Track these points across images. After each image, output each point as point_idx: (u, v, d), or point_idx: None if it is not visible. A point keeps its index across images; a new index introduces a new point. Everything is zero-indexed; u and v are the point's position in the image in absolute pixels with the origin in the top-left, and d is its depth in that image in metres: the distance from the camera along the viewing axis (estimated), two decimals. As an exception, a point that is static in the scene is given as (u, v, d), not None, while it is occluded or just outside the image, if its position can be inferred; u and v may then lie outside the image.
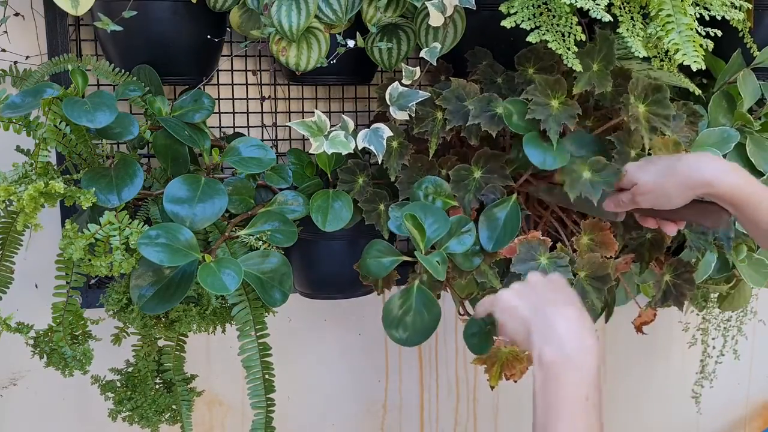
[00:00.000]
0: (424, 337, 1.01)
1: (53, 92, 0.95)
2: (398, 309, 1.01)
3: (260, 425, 1.03)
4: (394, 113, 1.07)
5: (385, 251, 1.04)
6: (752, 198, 0.84)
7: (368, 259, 1.04)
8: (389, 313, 1.01)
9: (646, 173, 0.92)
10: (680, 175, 0.87)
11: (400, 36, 1.08)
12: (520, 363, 1.13)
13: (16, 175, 0.94)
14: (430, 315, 1.01)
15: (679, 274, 1.09)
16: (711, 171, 0.86)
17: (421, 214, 1.02)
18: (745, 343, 1.68)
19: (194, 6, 1.05)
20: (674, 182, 0.88)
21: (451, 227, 1.02)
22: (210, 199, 1.00)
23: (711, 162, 0.88)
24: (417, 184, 1.08)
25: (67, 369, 1.02)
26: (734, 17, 0.97)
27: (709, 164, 0.87)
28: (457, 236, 1.03)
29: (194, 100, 1.08)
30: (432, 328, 1.01)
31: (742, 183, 0.85)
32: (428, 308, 1.01)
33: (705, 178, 0.86)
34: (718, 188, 0.85)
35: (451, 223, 1.03)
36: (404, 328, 1.01)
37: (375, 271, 1.04)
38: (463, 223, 1.03)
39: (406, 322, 1.01)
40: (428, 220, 1.02)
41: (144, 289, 0.99)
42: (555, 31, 0.95)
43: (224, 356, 1.40)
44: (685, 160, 0.89)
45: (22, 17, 1.14)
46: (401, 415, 1.57)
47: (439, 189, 1.08)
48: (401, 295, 1.02)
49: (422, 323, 1.01)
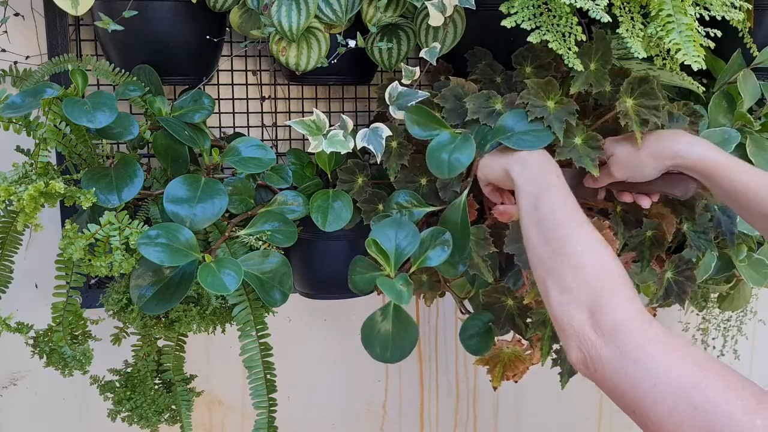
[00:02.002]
0: (403, 356, 1.00)
1: (53, 92, 0.95)
2: (377, 327, 1.00)
3: (263, 425, 1.03)
4: (394, 113, 1.07)
5: (368, 267, 1.04)
6: (722, 167, 0.90)
7: (354, 276, 1.05)
8: (369, 330, 1.00)
9: (622, 146, 0.98)
10: (653, 147, 0.94)
11: (400, 36, 1.09)
12: (522, 363, 1.13)
13: (16, 175, 0.94)
14: (407, 333, 1.00)
15: (680, 272, 1.09)
16: (681, 144, 0.93)
17: (393, 231, 1.01)
18: (745, 343, 1.68)
19: (194, 6, 1.05)
20: (646, 153, 0.94)
21: (423, 241, 1.01)
22: (210, 199, 1.00)
23: (682, 136, 0.94)
24: (389, 199, 1.08)
25: (66, 369, 1.02)
26: (734, 17, 0.97)
27: (679, 138, 0.94)
28: (432, 248, 1.02)
29: (194, 100, 1.08)
30: (410, 347, 1.00)
31: (711, 154, 0.90)
32: (405, 326, 1.00)
33: (674, 149, 0.92)
34: (687, 158, 0.92)
35: (422, 237, 1.02)
36: (382, 347, 0.99)
37: (363, 287, 1.04)
38: (438, 234, 1.02)
39: (384, 340, 0.99)
40: (400, 235, 1.01)
41: (144, 289, 0.99)
42: (555, 32, 0.95)
43: (224, 356, 1.40)
44: (659, 134, 0.95)
45: (22, 17, 1.14)
46: (401, 415, 1.57)
47: (416, 199, 1.07)
48: (381, 312, 1.00)
49: (399, 342, 0.99)
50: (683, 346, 0.64)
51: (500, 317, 1.06)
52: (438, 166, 0.98)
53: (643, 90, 0.98)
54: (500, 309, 1.06)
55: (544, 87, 1.00)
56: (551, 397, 1.61)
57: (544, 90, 1.00)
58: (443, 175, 0.98)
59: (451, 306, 1.54)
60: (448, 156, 0.98)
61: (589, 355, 0.68)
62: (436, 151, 0.99)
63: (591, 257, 0.75)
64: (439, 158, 0.98)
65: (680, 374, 0.61)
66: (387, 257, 0.99)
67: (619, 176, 0.98)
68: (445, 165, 0.98)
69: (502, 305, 1.06)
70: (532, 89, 1.00)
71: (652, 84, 0.98)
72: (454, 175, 0.98)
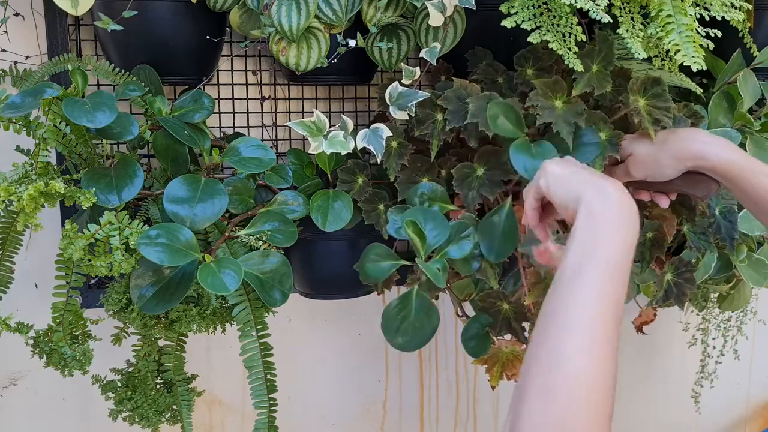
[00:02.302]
0: (423, 343, 1.01)
1: (53, 92, 0.95)
2: (397, 314, 1.00)
3: (263, 425, 1.03)
4: (394, 113, 1.07)
5: (383, 255, 1.04)
6: (745, 170, 0.88)
7: (367, 263, 1.04)
8: (388, 318, 1.01)
9: (641, 145, 0.96)
10: (673, 147, 0.92)
11: (400, 36, 1.08)
12: (520, 363, 1.13)
13: (16, 175, 0.94)
14: (429, 320, 1.01)
15: (680, 273, 1.09)
16: (703, 144, 0.90)
17: (422, 219, 1.02)
18: (745, 343, 1.68)
19: (194, 6, 1.05)
20: (667, 154, 0.92)
21: (450, 233, 1.02)
22: (210, 199, 1.00)
23: (704, 136, 0.92)
24: (412, 190, 1.08)
25: (66, 369, 1.02)
26: (734, 17, 0.97)
27: (701, 138, 0.92)
28: (456, 242, 1.02)
29: (194, 100, 1.08)
30: (431, 334, 1.01)
31: (734, 157, 0.88)
32: (427, 313, 1.01)
33: (697, 150, 0.90)
34: (710, 161, 0.89)
35: (450, 228, 1.02)
36: (403, 334, 1.00)
37: (374, 275, 1.04)
38: (462, 228, 1.03)
39: (405, 327, 1.00)
40: (428, 226, 1.01)
41: (144, 289, 0.99)
42: (556, 32, 0.95)
43: (224, 356, 1.40)
44: (679, 133, 0.94)
45: (22, 17, 1.14)
46: (401, 415, 1.57)
47: (435, 194, 1.07)
48: (400, 301, 1.01)
49: (421, 328, 1.00)
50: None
51: (496, 321, 1.07)
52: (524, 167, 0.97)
53: (655, 92, 0.99)
54: (496, 313, 1.07)
55: (552, 87, 1.00)
56: (551, 397, 1.60)
57: (552, 90, 1.00)
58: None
59: (451, 306, 1.54)
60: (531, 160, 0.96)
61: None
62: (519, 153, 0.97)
63: (587, 370, 0.60)
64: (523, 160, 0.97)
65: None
66: (423, 239, 0.99)
67: (638, 176, 0.96)
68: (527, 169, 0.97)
69: (498, 309, 1.07)
70: (540, 90, 1.00)
71: (663, 86, 0.98)
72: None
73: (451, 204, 1.08)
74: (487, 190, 1.05)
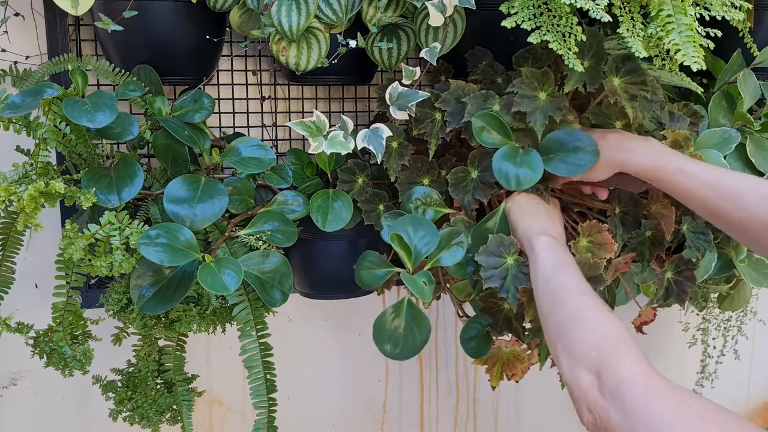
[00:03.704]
0: (414, 353, 1.00)
1: (53, 92, 0.95)
2: (390, 323, 1.00)
3: (263, 425, 1.03)
4: (394, 113, 1.07)
5: (377, 263, 1.04)
6: (666, 173, 0.95)
7: (362, 270, 1.04)
8: (381, 327, 1.00)
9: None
10: (603, 155, 0.99)
11: (400, 36, 1.08)
12: (521, 363, 1.13)
13: (16, 175, 0.94)
14: (420, 331, 1.00)
15: (680, 272, 1.09)
16: (625, 154, 0.98)
17: (411, 228, 1.01)
18: (745, 343, 1.68)
19: (194, 6, 1.05)
20: (598, 163, 1.00)
21: (441, 240, 1.02)
22: (210, 199, 1.00)
23: (628, 144, 0.99)
24: (406, 196, 1.08)
25: (67, 369, 1.02)
26: (734, 17, 0.97)
27: (625, 146, 0.99)
28: (448, 249, 1.02)
29: (194, 100, 1.08)
30: (421, 345, 1.00)
31: (654, 164, 0.96)
32: (418, 324, 1.00)
33: (622, 161, 0.98)
34: (632, 168, 0.98)
35: (441, 236, 1.02)
36: (394, 344, 1.00)
37: (369, 282, 1.04)
38: (454, 235, 1.02)
39: (397, 337, 1.00)
40: (419, 234, 1.01)
41: (144, 289, 0.99)
42: (555, 32, 0.95)
43: (224, 356, 1.40)
44: (608, 140, 1.00)
45: (22, 17, 1.14)
46: (401, 415, 1.57)
47: (429, 200, 1.07)
48: (393, 310, 1.01)
49: (412, 339, 1.00)
50: (686, 398, 0.68)
51: (497, 321, 1.06)
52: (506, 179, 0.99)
53: (628, 68, 1.00)
54: (497, 313, 1.06)
55: (540, 78, 1.00)
56: (551, 397, 1.60)
57: (539, 81, 1.00)
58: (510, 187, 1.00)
59: (451, 306, 1.54)
60: (516, 171, 0.99)
61: (599, 416, 0.70)
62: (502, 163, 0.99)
63: (599, 324, 0.78)
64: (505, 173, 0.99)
65: (682, 427, 0.65)
66: (409, 253, 0.99)
67: (576, 179, 1.02)
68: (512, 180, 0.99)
69: (499, 309, 1.06)
70: (526, 78, 1.00)
71: (635, 61, 0.99)
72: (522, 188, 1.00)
73: (447, 208, 1.08)
74: (480, 193, 1.05)
